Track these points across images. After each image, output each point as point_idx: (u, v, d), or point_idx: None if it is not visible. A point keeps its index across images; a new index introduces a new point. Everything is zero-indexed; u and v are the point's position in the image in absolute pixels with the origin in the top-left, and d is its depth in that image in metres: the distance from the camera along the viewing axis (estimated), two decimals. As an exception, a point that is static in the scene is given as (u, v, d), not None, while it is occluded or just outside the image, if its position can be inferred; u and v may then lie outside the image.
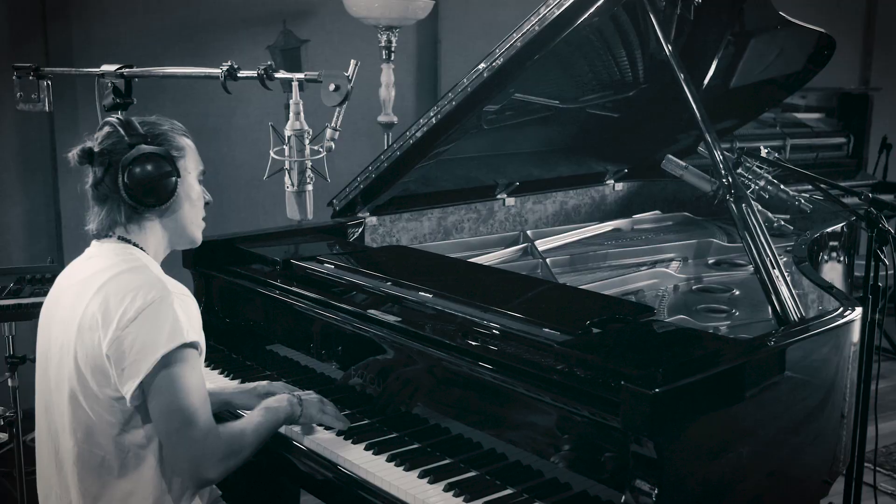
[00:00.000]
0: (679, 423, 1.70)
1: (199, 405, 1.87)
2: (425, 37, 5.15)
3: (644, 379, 1.68)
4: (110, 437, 1.90)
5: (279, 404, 2.12)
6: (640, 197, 4.02)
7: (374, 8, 4.37)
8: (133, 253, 1.98)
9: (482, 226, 3.53)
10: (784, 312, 2.10)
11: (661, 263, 3.09)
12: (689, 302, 2.74)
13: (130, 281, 1.89)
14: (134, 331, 1.83)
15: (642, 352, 1.91)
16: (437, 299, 2.31)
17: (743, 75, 3.67)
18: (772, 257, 2.15)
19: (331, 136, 2.27)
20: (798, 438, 1.99)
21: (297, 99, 2.26)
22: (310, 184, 2.24)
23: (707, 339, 2.04)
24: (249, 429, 2.01)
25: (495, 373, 1.98)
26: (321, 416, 2.18)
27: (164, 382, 1.84)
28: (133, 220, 2.00)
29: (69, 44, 4.26)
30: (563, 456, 1.87)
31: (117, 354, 1.84)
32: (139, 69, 2.79)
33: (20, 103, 3.15)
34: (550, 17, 2.49)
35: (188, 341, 1.86)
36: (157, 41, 4.40)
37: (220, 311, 2.84)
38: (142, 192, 1.95)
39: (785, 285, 2.13)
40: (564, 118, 3.39)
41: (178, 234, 2.08)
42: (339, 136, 2.65)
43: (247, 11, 4.62)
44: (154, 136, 2.00)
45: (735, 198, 2.24)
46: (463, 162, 3.38)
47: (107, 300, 1.87)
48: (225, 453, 1.90)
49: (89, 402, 1.89)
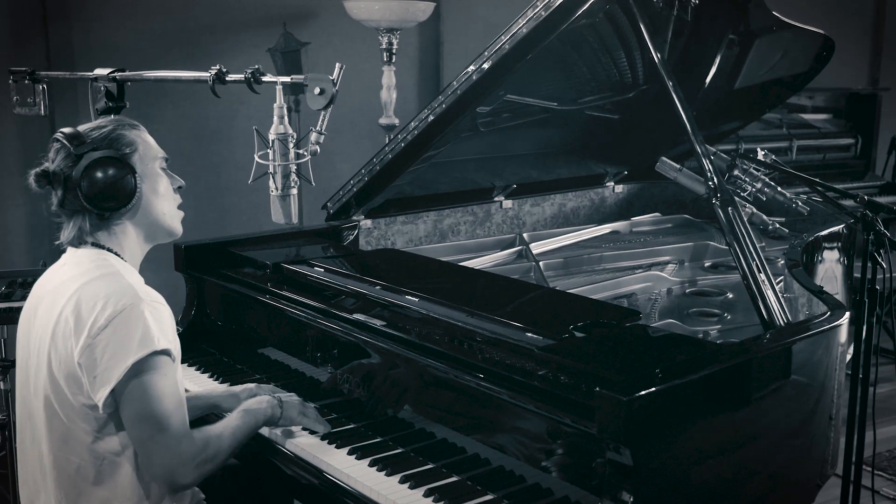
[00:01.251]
0: (655, 430, 1.68)
1: (171, 411, 1.86)
2: (427, 38, 5.14)
3: (618, 384, 1.66)
4: (85, 445, 1.90)
5: (258, 406, 2.11)
6: (640, 199, 4.00)
7: (375, 10, 4.37)
8: (107, 259, 1.98)
9: (479, 228, 3.51)
10: (770, 317, 2.08)
11: (656, 266, 3.07)
12: (681, 305, 2.72)
13: (102, 288, 1.89)
14: (105, 338, 1.83)
15: (622, 357, 1.90)
16: (423, 303, 2.30)
17: (747, 76, 3.64)
18: (758, 261, 2.13)
19: (316, 139, 2.27)
20: (784, 443, 1.96)
21: (280, 102, 2.26)
22: (294, 188, 2.24)
23: (690, 344, 2.02)
24: (227, 432, 2.00)
25: (475, 378, 1.96)
26: (301, 418, 2.17)
27: (136, 390, 1.83)
28: (101, 227, 1.99)
29: (70, 47, 4.28)
30: (543, 462, 1.85)
31: (89, 362, 1.83)
32: (131, 73, 2.80)
33: (16, 107, 3.17)
34: (538, 19, 2.48)
35: (159, 349, 1.85)
36: (157, 44, 4.41)
37: (212, 315, 2.84)
38: (103, 198, 1.94)
39: (771, 289, 2.10)
40: (563, 120, 3.37)
41: (153, 230, 2.07)
42: (342, 138, 2.69)
43: (247, 14, 4.63)
44: (101, 139, 1.97)
45: (721, 201, 2.22)
46: (460, 164, 3.37)
47: (78, 307, 1.87)
48: (201, 458, 1.89)
49: (64, 409, 1.89)
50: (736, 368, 1.84)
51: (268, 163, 2.21)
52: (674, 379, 1.71)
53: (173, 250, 2.84)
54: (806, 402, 2.00)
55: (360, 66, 4.87)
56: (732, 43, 3.46)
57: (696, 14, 3.15)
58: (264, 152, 2.22)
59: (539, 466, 1.86)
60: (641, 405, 1.64)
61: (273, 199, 2.24)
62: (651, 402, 1.66)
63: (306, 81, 2.28)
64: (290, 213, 2.25)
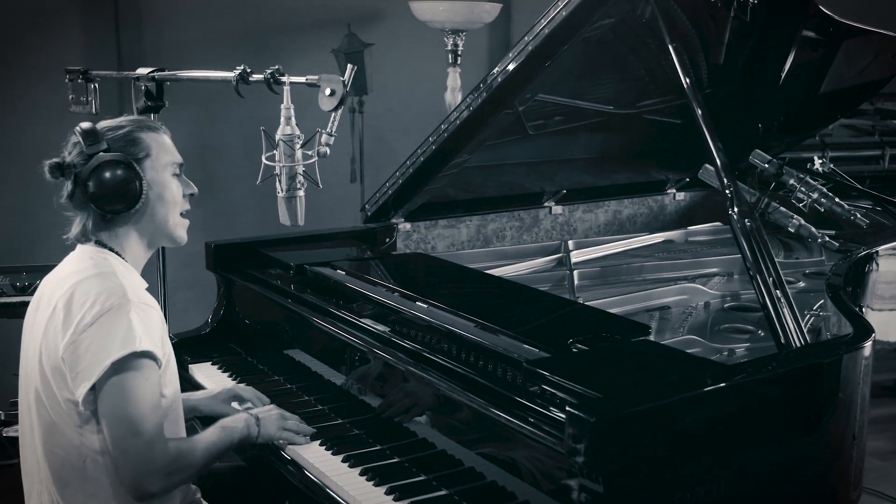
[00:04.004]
0: (630, 455, 1.58)
1: (146, 415, 1.84)
2: (497, 40, 5.08)
3: (589, 404, 1.57)
4: (69, 440, 1.91)
5: (235, 425, 2.07)
6: (703, 208, 3.84)
7: (439, 11, 4.34)
8: (107, 258, 1.98)
9: (526, 234, 3.43)
10: (786, 338, 1.94)
11: (699, 279, 2.93)
12: (715, 321, 2.59)
13: (94, 286, 1.89)
14: (89, 336, 1.83)
15: (612, 375, 1.80)
16: (430, 311, 2.25)
17: (833, 80, 3.46)
18: (775, 276, 2.00)
19: (325, 141, 2.24)
20: (786, 474, 1.83)
21: (288, 104, 2.23)
22: (301, 189, 2.21)
23: (691, 364, 1.90)
24: (200, 447, 1.96)
25: (464, 390, 1.90)
26: (280, 433, 2.13)
27: (114, 389, 1.83)
28: (104, 227, 2.00)
29: (141, 48, 4.38)
30: (536, 479, 1.76)
31: (72, 358, 1.85)
32: (167, 73, 2.83)
33: (72, 105, 3.25)
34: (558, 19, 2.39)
35: (139, 350, 1.84)
36: (225, 45, 4.48)
37: (241, 314, 2.85)
38: (107, 200, 1.95)
39: (788, 307, 1.97)
40: (620, 123, 3.27)
41: (155, 235, 2.07)
42: (407, 139, 2.66)
43: (313, 15, 4.66)
44: (116, 140, 1.98)
45: (739, 212, 2.08)
46: (508, 168, 3.30)
47: (70, 302, 1.89)
48: (170, 468, 1.86)
49: (50, 402, 1.91)
50: (729, 392, 1.71)
51: (274, 164, 2.19)
52: (654, 400, 1.61)
53: (204, 249, 2.86)
54: (814, 431, 1.86)
55: (427, 67, 4.85)
56: (816, 45, 3.29)
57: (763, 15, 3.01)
58: (271, 153, 2.20)
59: (532, 485, 1.78)
60: (611, 427, 1.54)
61: (279, 201, 2.21)
62: (623, 425, 1.56)
63: (319, 82, 2.25)
64: (295, 215, 2.22)
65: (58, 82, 3.18)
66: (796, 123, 3.67)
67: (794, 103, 3.50)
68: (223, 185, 4.56)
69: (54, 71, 3.96)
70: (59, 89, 3.20)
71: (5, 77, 4.21)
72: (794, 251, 3.30)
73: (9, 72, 4.21)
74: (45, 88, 4.02)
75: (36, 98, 4.20)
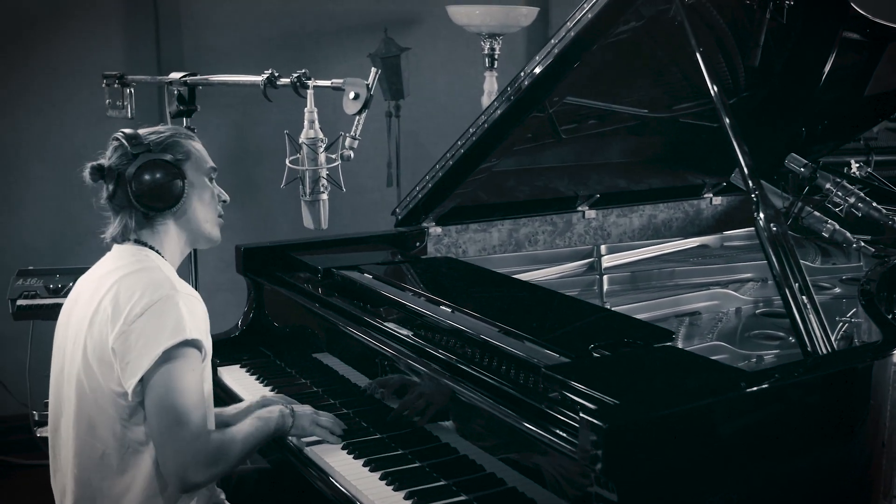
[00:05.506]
0: (645, 463, 1.56)
1: (192, 406, 1.89)
2: (535, 44, 5.04)
3: (604, 410, 1.55)
4: (112, 432, 1.95)
5: (270, 415, 2.12)
6: (741, 212, 3.77)
7: (476, 16, 4.33)
8: (148, 255, 2.04)
9: (558, 238, 3.40)
10: (812, 345, 1.90)
11: (732, 284, 2.89)
12: (746, 327, 2.54)
13: (140, 280, 1.95)
14: (140, 326, 1.89)
15: (631, 381, 1.77)
16: (456, 315, 2.24)
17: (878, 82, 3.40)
18: (801, 282, 1.96)
19: (350, 144, 2.24)
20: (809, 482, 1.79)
21: (311, 107, 2.24)
22: (324, 193, 2.21)
23: (713, 371, 1.86)
24: (239, 437, 2.01)
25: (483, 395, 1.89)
26: (313, 428, 2.17)
27: (162, 378, 1.87)
28: (146, 225, 2.06)
29: (180, 53, 4.43)
30: (556, 486, 1.75)
31: (123, 348, 1.89)
32: (199, 77, 2.86)
33: (109, 110, 3.30)
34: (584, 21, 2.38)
35: (189, 338, 1.90)
36: (263, 50, 4.51)
37: (269, 317, 2.87)
38: (151, 197, 2.01)
39: (814, 314, 1.92)
40: (656, 127, 3.24)
41: (193, 234, 2.13)
42: (445, 143, 2.66)
43: (351, 20, 4.67)
44: (158, 143, 2.06)
45: (765, 217, 2.05)
46: (541, 172, 3.28)
47: (117, 296, 1.94)
48: (213, 459, 1.91)
49: (95, 394, 1.95)
50: (748, 399, 1.68)
51: (298, 168, 2.20)
52: (670, 407, 1.59)
53: (234, 252, 2.88)
54: (839, 439, 1.81)
55: (464, 71, 4.85)
56: (860, 47, 3.23)
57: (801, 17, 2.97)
58: (295, 157, 2.21)
59: (552, 491, 1.76)
60: (625, 434, 1.52)
61: (303, 204, 2.22)
62: (638, 432, 1.54)
63: (344, 86, 2.25)
64: (319, 219, 2.23)
65: (97, 87, 3.22)
66: (840, 126, 3.61)
67: (838, 106, 3.44)
68: (260, 189, 4.59)
69: (93, 76, 4.03)
70: (98, 94, 3.25)
71: (45, 82, 4.28)
72: (831, 256, 3.24)
73: (49, 77, 4.28)
74: (87, 93, 4.08)
75: (75, 103, 4.27)
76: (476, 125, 2.74)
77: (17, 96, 4.27)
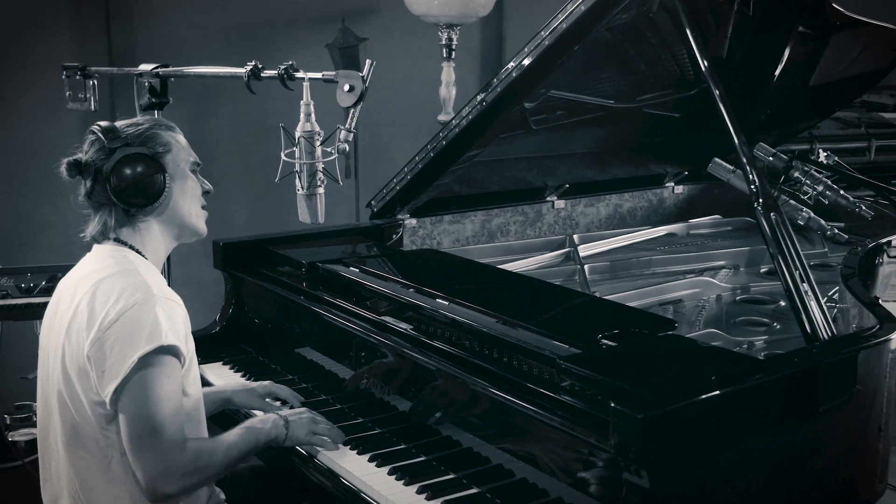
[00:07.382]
0: (676, 450, 1.58)
1: (167, 416, 1.82)
2: (490, 34, 5.06)
3: (637, 400, 1.57)
4: (94, 441, 1.88)
5: (262, 426, 2.04)
6: (701, 200, 3.85)
7: (434, 5, 4.31)
8: (127, 255, 1.97)
9: (529, 229, 3.42)
10: (813, 330, 1.95)
11: (708, 272, 2.94)
12: (729, 313, 2.60)
13: (117, 283, 1.88)
14: (115, 332, 1.81)
15: (647, 369, 1.80)
16: (452, 307, 2.24)
17: (823, 73, 3.48)
18: (802, 271, 2.00)
19: (345, 137, 2.22)
20: (824, 465, 1.84)
21: (307, 100, 2.20)
22: (321, 186, 2.19)
23: (724, 358, 1.90)
24: (221, 448, 1.94)
25: (495, 387, 1.89)
26: (310, 437, 2.09)
27: (137, 386, 1.80)
28: (126, 223, 1.99)
29: (132, 44, 4.32)
30: (566, 476, 1.76)
31: (98, 356, 1.82)
32: (172, 69, 2.80)
33: (69, 102, 3.20)
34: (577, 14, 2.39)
35: (166, 344, 1.82)
36: (217, 41, 4.43)
37: (250, 313, 2.82)
38: (130, 193, 1.93)
39: (815, 301, 1.98)
40: (621, 118, 3.27)
41: (179, 228, 2.06)
42: (401, 134, 2.65)
43: (307, 10, 4.62)
44: (136, 136, 1.97)
45: (763, 206, 2.09)
46: (511, 163, 3.29)
47: (93, 301, 1.87)
48: (187, 470, 1.83)
49: (74, 403, 1.88)
50: (770, 385, 1.72)
51: (294, 161, 2.16)
52: (698, 395, 1.61)
53: (212, 247, 2.83)
54: (849, 420, 1.87)
55: (421, 62, 4.83)
56: (807, 38, 3.31)
57: (761, 8, 3.02)
58: (290, 150, 2.18)
59: (563, 481, 1.78)
60: (659, 423, 1.54)
61: (299, 199, 2.19)
62: (670, 421, 1.56)
63: (337, 78, 2.22)
64: (316, 213, 2.20)
65: (50, 79, 3.11)
66: (786, 117, 3.69)
67: (785, 97, 3.52)
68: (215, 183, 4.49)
69: (45, 68, 3.90)
70: (51, 86, 3.13)
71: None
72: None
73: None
74: (39, 85, 3.95)
75: (28, 95, 4.13)
76: (460, 116, 2.74)
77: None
